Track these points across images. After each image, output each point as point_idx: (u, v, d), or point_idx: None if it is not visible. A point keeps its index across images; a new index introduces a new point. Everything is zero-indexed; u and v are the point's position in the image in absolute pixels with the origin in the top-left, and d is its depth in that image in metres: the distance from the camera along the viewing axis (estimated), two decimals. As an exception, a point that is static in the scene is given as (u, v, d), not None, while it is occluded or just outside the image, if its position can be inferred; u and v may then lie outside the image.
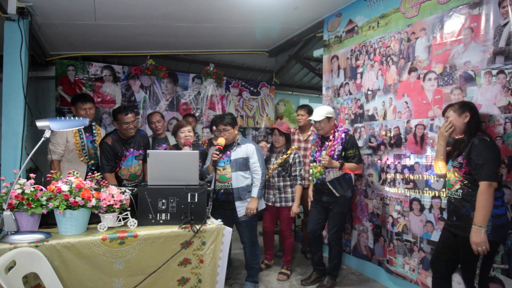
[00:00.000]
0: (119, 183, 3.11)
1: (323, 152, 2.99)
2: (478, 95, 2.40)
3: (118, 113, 3.03)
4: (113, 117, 3.12)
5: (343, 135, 2.97)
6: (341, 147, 2.96)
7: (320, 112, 3.00)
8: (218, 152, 2.81)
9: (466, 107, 2.18)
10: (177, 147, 3.13)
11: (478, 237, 1.95)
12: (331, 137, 3.03)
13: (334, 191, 2.99)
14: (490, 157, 2.00)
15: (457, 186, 2.15)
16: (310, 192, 3.27)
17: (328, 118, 2.99)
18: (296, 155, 3.27)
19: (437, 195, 2.67)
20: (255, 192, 2.87)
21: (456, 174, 2.16)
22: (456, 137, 2.26)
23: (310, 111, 3.72)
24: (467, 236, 2.00)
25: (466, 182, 2.11)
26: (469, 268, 2.09)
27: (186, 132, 3.00)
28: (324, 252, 3.37)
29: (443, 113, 2.31)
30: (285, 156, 3.26)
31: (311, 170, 3.12)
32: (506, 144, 2.23)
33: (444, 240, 2.31)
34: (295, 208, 3.26)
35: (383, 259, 3.18)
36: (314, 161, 3.11)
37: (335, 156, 2.95)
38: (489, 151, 2.02)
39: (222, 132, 2.91)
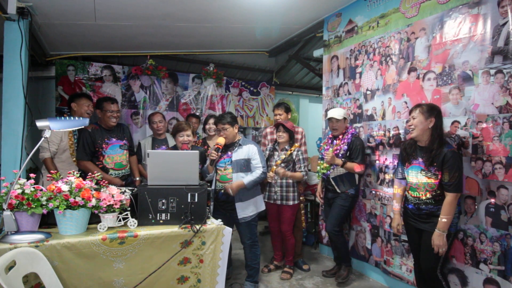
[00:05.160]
0: (106, 172, 3.10)
1: (330, 149, 3.13)
2: (475, 94, 2.40)
3: (104, 101, 3.11)
4: (97, 105, 3.17)
5: (349, 136, 3.14)
6: (346, 147, 3.11)
7: (339, 112, 3.16)
8: (216, 152, 2.81)
9: (433, 111, 2.27)
10: (175, 149, 3.13)
11: (441, 240, 2.19)
12: (340, 136, 3.20)
13: (336, 187, 3.16)
14: (460, 170, 2.18)
15: (429, 195, 2.28)
16: (319, 188, 3.47)
17: (344, 119, 3.18)
18: (299, 152, 3.28)
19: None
20: (247, 179, 2.80)
21: (431, 184, 2.26)
22: (420, 144, 2.34)
23: (287, 109, 3.73)
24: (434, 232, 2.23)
25: (438, 191, 2.25)
26: (431, 259, 2.28)
27: (185, 137, 2.99)
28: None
29: (410, 112, 2.35)
30: (289, 152, 3.26)
31: (318, 167, 3.27)
32: (504, 144, 2.23)
33: (414, 234, 2.46)
34: (286, 171, 3.20)
35: (380, 259, 3.19)
36: (322, 158, 3.25)
37: (340, 155, 3.11)
38: (460, 164, 2.20)
39: (222, 132, 2.91)
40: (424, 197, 2.29)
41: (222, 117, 2.93)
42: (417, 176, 2.32)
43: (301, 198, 3.58)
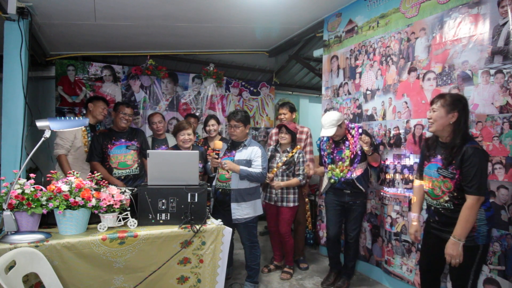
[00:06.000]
0: (110, 172, 3.15)
1: (347, 151, 2.96)
2: (475, 94, 2.40)
3: (120, 104, 3.29)
4: (114, 107, 3.32)
5: (360, 130, 2.94)
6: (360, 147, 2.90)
7: (331, 123, 2.86)
8: (217, 157, 2.79)
9: (457, 104, 1.98)
10: (177, 148, 3.15)
11: (455, 250, 1.90)
12: (349, 136, 2.98)
13: (361, 187, 2.93)
14: (482, 170, 1.89)
15: (446, 198, 2.02)
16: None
17: (340, 125, 2.90)
18: (300, 155, 3.25)
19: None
20: (243, 167, 2.78)
21: (446, 184, 2.00)
22: (441, 140, 2.08)
23: (292, 108, 3.70)
24: (466, 244, 1.92)
25: (456, 194, 1.98)
26: (461, 275, 1.98)
27: (185, 136, 3.03)
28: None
29: (431, 103, 2.08)
30: (290, 154, 3.24)
31: (329, 173, 3.07)
32: (504, 145, 2.23)
33: (432, 243, 2.19)
34: (280, 182, 3.18)
35: (381, 259, 3.19)
36: (332, 162, 3.07)
37: (359, 152, 2.90)
38: (483, 163, 1.90)
39: (233, 128, 2.89)
40: (441, 200, 2.04)
41: (236, 113, 2.90)
42: (433, 175, 2.07)
43: (306, 200, 3.55)
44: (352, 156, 2.94)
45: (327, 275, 3.29)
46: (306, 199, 3.66)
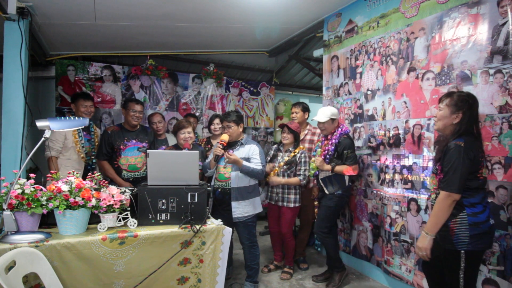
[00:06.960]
0: (119, 173, 3.17)
1: (318, 150, 3.13)
2: (474, 94, 2.40)
3: (129, 101, 3.29)
4: (123, 105, 3.35)
5: (337, 136, 3.05)
6: (333, 148, 3.03)
7: (325, 113, 3.04)
8: (221, 147, 2.81)
9: (463, 104, 1.91)
10: (177, 147, 3.16)
11: (422, 242, 1.92)
12: (329, 137, 3.11)
13: (324, 188, 3.09)
14: (458, 166, 1.81)
15: (434, 195, 2.00)
16: (315, 189, 3.39)
17: (332, 120, 3.06)
18: (302, 155, 3.24)
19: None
20: (246, 163, 2.81)
21: (433, 181, 2.00)
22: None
23: (305, 108, 3.72)
24: (447, 247, 1.88)
25: (440, 191, 1.92)
26: (452, 279, 1.90)
27: (186, 134, 3.06)
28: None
29: (439, 101, 2.05)
30: (292, 154, 3.24)
31: (311, 164, 3.22)
32: (503, 145, 2.23)
33: (432, 246, 2.04)
34: (278, 178, 3.21)
35: (381, 259, 3.19)
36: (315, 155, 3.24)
37: (327, 157, 3.06)
38: (459, 160, 1.81)
39: (226, 129, 2.94)
40: (433, 196, 2.02)
41: (228, 114, 2.96)
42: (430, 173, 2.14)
43: (315, 203, 3.51)
44: (322, 156, 3.09)
45: (323, 272, 3.38)
46: (316, 202, 3.55)
